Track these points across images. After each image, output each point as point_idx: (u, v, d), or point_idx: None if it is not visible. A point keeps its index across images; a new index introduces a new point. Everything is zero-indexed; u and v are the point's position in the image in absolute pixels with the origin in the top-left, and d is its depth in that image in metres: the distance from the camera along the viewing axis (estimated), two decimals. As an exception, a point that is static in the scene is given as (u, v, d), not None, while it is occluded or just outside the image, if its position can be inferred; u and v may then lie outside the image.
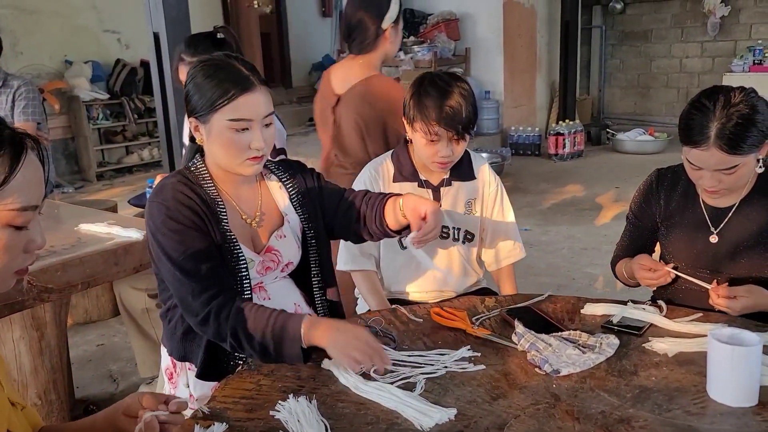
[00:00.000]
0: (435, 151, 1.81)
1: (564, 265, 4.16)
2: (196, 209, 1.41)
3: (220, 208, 1.46)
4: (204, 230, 1.41)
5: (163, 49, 3.61)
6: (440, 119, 1.75)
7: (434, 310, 1.57)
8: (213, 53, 1.54)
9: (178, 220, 1.39)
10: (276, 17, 9.78)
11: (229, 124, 1.40)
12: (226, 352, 1.47)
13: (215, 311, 1.37)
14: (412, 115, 1.81)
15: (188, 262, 1.38)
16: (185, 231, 1.39)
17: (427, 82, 1.80)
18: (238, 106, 1.40)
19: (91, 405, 2.64)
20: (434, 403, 1.19)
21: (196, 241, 1.39)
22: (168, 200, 1.41)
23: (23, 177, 0.89)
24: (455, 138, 1.79)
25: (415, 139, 1.85)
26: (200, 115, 1.43)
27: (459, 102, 1.76)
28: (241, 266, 1.45)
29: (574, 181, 6.33)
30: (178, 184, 1.44)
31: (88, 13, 7.32)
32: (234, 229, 1.47)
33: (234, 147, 1.42)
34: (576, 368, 1.30)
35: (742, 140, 1.48)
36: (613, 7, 9.15)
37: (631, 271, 1.75)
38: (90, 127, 7.10)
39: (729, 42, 8.45)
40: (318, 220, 1.61)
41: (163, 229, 1.39)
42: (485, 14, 7.42)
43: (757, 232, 1.62)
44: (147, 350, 2.64)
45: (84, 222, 2.41)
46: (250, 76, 1.42)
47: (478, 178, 1.99)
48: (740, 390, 1.17)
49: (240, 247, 1.46)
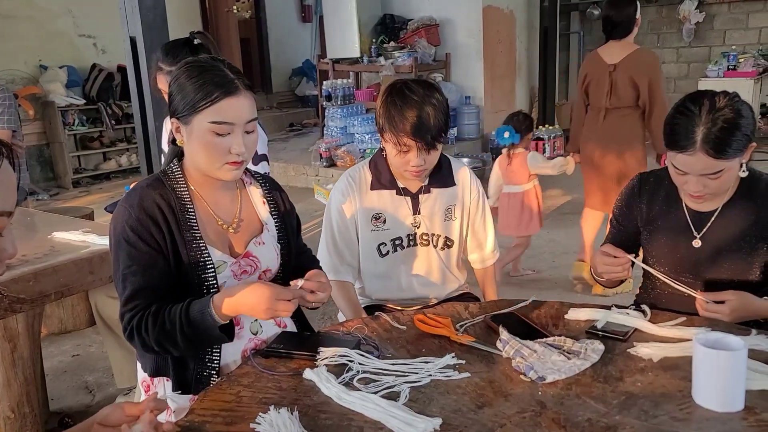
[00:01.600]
0: (406, 161, 1.80)
1: (546, 269, 4.18)
2: (156, 219, 1.41)
3: (190, 214, 1.45)
4: (159, 244, 1.41)
5: (140, 54, 3.56)
6: (409, 131, 1.73)
7: (418, 317, 1.55)
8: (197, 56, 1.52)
9: (135, 230, 1.39)
10: (255, 22, 9.74)
11: (210, 126, 1.38)
12: (196, 363, 1.46)
13: (136, 326, 1.38)
14: (382, 125, 1.79)
15: (129, 277, 1.40)
16: (137, 243, 1.39)
17: (396, 92, 1.78)
18: (220, 109, 1.38)
19: (66, 417, 2.58)
20: (419, 413, 1.17)
21: (144, 257, 1.40)
22: (133, 206, 1.41)
23: None
24: (425, 148, 1.77)
25: (387, 149, 1.84)
26: (182, 116, 1.42)
27: (428, 112, 1.74)
28: (208, 271, 1.44)
29: (554, 186, 6.36)
30: (148, 189, 1.44)
31: (64, 18, 7.22)
32: (206, 233, 1.46)
33: (214, 150, 1.40)
34: (561, 375, 1.28)
35: (727, 144, 1.48)
36: (591, 13, 9.24)
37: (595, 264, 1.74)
38: (65, 133, 6.99)
39: (704, 48, 8.58)
40: (290, 234, 1.62)
41: (119, 237, 1.41)
42: (465, 20, 7.45)
43: (739, 237, 1.62)
44: (124, 360, 2.58)
45: (58, 230, 2.36)
46: (235, 80, 1.40)
47: (458, 184, 1.98)
48: (726, 395, 1.17)
49: (208, 252, 1.44)
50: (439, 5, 7.55)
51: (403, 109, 1.74)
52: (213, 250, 1.45)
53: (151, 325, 1.37)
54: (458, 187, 1.97)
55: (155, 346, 1.39)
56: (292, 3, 10.13)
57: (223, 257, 1.47)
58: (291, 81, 10.20)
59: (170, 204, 1.43)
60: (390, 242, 1.93)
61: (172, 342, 1.37)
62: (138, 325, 1.38)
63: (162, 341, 1.38)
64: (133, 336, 1.39)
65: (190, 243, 1.43)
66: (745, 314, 1.52)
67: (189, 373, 1.46)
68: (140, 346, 1.41)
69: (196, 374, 1.46)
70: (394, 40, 7.47)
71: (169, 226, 1.42)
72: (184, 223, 1.43)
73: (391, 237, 1.92)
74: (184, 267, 1.42)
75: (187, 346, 1.39)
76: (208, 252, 1.44)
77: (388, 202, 1.92)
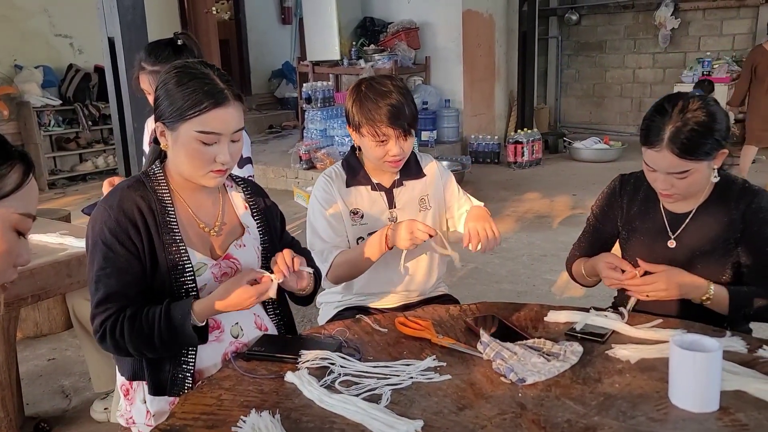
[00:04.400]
0: (385, 152, 1.85)
1: (524, 272, 4.21)
2: (135, 221, 1.40)
3: (170, 216, 1.45)
4: (136, 247, 1.40)
5: (118, 55, 3.52)
6: (386, 119, 1.80)
7: (399, 320, 1.55)
8: (186, 60, 1.50)
9: (113, 232, 1.38)
10: (235, 24, 9.70)
11: (197, 135, 1.37)
12: (171, 365, 1.45)
13: (109, 329, 1.37)
14: (358, 121, 1.84)
15: (103, 279, 1.39)
16: (114, 245, 1.38)
17: (365, 87, 1.85)
18: (208, 119, 1.37)
19: (42, 422, 2.54)
20: (400, 415, 1.17)
21: (119, 259, 1.39)
22: (113, 207, 1.40)
23: (30, 186, 1.01)
24: (402, 135, 1.84)
25: (364, 143, 1.88)
26: (168, 122, 1.40)
27: (400, 100, 1.82)
28: (187, 274, 1.43)
29: (532, 189, 6.42)
30: (129, 191, 1.43)
31: (39, 17, 7.12)
32: (187, 236, 1.46)
33: (199, 159, 1.39)
34: (541, 377, 1.30)
35: (694, 145, 1.51)
36: (569, 19, 9.35)
37: (591, 269, 1.76)
38: (41, 134, 6.90)
39: (679, 54, 8.71)
40: (274, 237, 1.62)
41: (97, 238, 1.40)
42: (445, 24, 7.49)
43: (712, 239, 1.66)
44: (102, 364, 2.55)
45: (35, 232, 2.32)
46: (225, 90, 1.39)
47: (427, 174, 2.03)
48: (702, 395, 1.19)
49: (187, 253, 1.43)
50: (418, 9, 7.59)
51: (377, 100, 1.81)
52: (193, 252, 1.45)
53: (128, 329, 1.36)
54: (428, 177, 2.03)
55: (131, 350, 1.38)
56: (272, 5, 10.11)
57: (203, 259, 1.46)
58: (270, 83, 10.16)
59: (150, 206, 1.43)
60: (367, 236, 1.94)
61: (148, 345, 1.37)
62: (112, 328, 1.37)
63: (138, 344, 1.37)
64: (105, 338, 1.38)
65: (170, 245, 1.42)
66: (680, 288, 1.57)
67: (164, 375, 1.45)
68: (113, 349, 1.40)
69: (171, 376, 1.45)
70: (374, 42, 7.49)
71: (148, 228, 1.41)
72: (163, 226, 1.43)
73: (369, 231, 1.94)
74: (162, 269, 1.41)
75: (163, 349, 1.38)
76: (188, 254, 1.44)
77: (365, 197, 1.96)
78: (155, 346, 1.37)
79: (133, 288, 1.40)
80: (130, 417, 1.53)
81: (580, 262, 1.85)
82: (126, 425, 1.55)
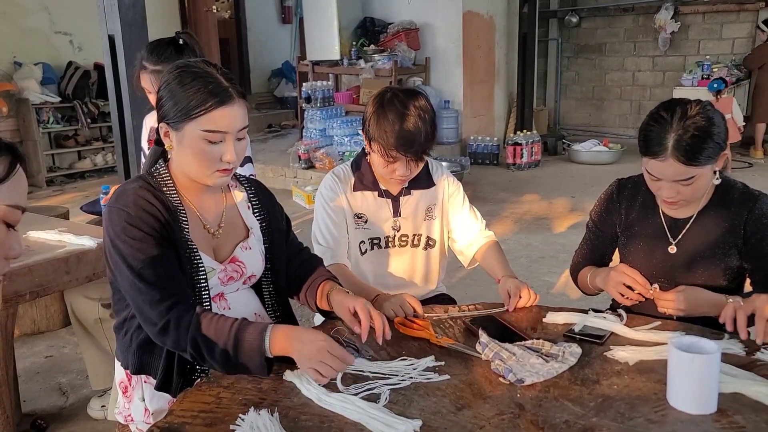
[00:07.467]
0: (392, 170, 1.83)
1: (522, 274, 4.20)
2: (157, 216, 1.37)
3: (182, 216, 1.43)
4: (165, 238, 1.36)
5: (118, 53, 3.51)
6: (397, 144, 1.76)
7: (397, 320, 1.56)
8: (189, 59, 1.49)
9: (139, 227, 1.34)
10: (235, 23, 9.70)
11: (203, 134, 1.36)
12: (186, 363, 1.42)
13: (174, 320, 1.32)
14: (372, 134, 1.80)
15: (147, 271, 1.33)
16: (145, 238, 1.34)
17: (387, 102, 1.79)
18: (214, 117, 1.36)
19: (39, 419, 2.54)
20: (399, 415, 1.17)
21: (156, 249, 1.34)
22: (129, 206, 1.36)
23: (18, 178, 0.99)
24: (413, 160, 1.80)
25: (373, 156, 1.86)
26: (172, 122, 1.39)
27: (417, 125, 1.76)
28: (201, 275, 1.42)
29: (531, 191, 6.42)
30: (140, 190, 1.39)
31: (39, 14, 7.12)
32: (195, 237, 1.44)
33: (205, 158, 1.38)
34: (540, 377, 1.30)
35: (698, 152, 1.51)
36: (569, 21, 9.36)
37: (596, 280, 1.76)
38: (40, 131, 6.89)
39: (679, 57, 8.73)
40: (278, 238, 1.60)
41: (123, 236, 1.34)
42: (445, 25, 7.49)
43: (713, 243, 1.66)
44: (99, 362, 2.55)
45: (33, 229, 2.32)
46: (229, 88, 1.38)
47: (438, 184, 2.01)
48: (700, 397, 1.19)
49: (200, 256, 1.42)
50: (419, 10, 7.59)
51: (394, 122, 1.75)
52: (203, 255, 1.44)
53: (194, 324, 1.30)
54: (438, 187, 2.01)
55: (188, 347, 1.31)
56: (272, 4, 10.11)
57: (211, 263, 1.45)
58: (270, 82, 10.17)
59: (165, 204, 1.40)
60: (368, 240, 1.95)
61: (209, 350, 1.30)
62: (177, 321, 1.31)
63: (199, 344, 1.30)
64: (167, 331, 1.31)
65: (184, 244, 1.40)
66: (698, 305, 1.59)
67: (178, 372, 1.42)
68: (171, 344, 1.33)
69: (183, 374, 1.42)
70: (374, 43, 7.49)
71: (170, 224, 1.38)
72: (178, 225, 1.41)
73: (370, 236, 1.95)
74: (184, 266, 1.39)
75: (223, 361, 1.30)
76: (200, 255, 1.42)
77: (371, 203, 1.95)
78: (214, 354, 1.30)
79: (177, 274, 1.35)
80: (128, 414, 1.53)
81: (586, 272, 1.84)
82: (124, 422, 1.55)
